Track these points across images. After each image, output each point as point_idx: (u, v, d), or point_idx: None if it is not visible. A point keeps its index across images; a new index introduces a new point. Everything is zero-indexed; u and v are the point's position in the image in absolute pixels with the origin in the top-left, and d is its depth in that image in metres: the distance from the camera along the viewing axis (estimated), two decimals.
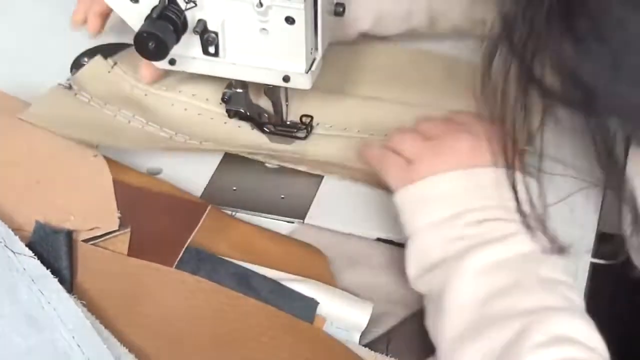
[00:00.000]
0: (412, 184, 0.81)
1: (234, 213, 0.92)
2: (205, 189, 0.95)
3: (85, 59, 1.11)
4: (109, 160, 0.91)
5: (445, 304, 0.75)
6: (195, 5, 0.87)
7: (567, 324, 0.70)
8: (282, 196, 0.95)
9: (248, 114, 1.01)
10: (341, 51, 1.08)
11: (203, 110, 1.04)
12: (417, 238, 0.79)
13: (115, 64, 1.07)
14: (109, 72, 1.07)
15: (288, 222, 0.92)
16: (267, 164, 0.98)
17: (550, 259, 0.76)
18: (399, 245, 0.89)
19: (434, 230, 0.78)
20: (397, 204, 0.82)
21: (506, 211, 0.78)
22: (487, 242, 0.76)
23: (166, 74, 1.05)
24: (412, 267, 0.80)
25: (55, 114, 0.98)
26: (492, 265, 0.75)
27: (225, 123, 1.03)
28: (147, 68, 1.01)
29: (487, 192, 0.79)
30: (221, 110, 1.03)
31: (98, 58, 1.08)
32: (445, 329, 0.74)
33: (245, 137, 1.02)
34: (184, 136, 1.00)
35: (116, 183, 0.87)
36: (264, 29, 0.88)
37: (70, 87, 1.03)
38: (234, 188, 0.95)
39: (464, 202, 0.78)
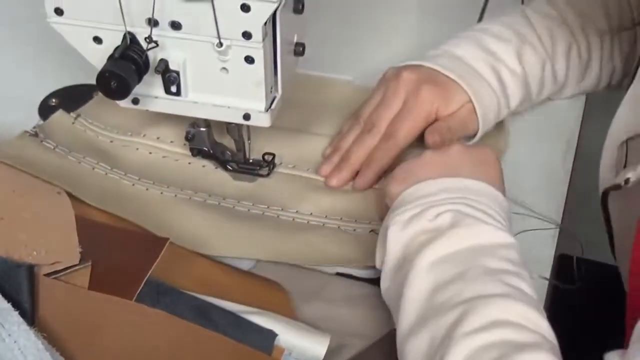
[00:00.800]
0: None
1: None
2: None
3: (53, 100, 1.13)
4: (72, 197, 0.92)
5: (403, 299, 0.78)
6: (157, 45, 0.89)
7: (505, 309, 0.72)
8: None
9: (211, 152, 1.02)
10: (302, 89, 1.10)
11: (168, 152, 1.06)
12: (389, 236, 0.83)
13: (78, 116, 1.10)
14: (72, 123, 1.09)
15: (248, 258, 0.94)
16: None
17: (502, 251, 0.79)
18: (358, 279, 0.91)
19: (404, 228, 0.82)
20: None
21: (467, 206, 0.81)
22: (442, 234, 0.79)
23: (129, 119, 1.08)
24: (384, 279, 0.83)
25: (21, 158, 1.00)
26: (441, 258, 0.78)
27: (189, 164, 1.05)
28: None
29: (451, 192, 0.84)
30: (185, 151, 1.05)
31: (60, 112, 1.10)
32: (401, 324, 0.77)
33: (210, 177, 1.03)
34: (148, 182, 1.02)
35: (78, 219, 0.89)
36: (224, 68, 0.90)
37: (36, 135, 1.05)
38: None
39: (427, 201, 0.83)
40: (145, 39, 0.88)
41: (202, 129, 1.01)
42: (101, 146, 1.07)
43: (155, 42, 0.89)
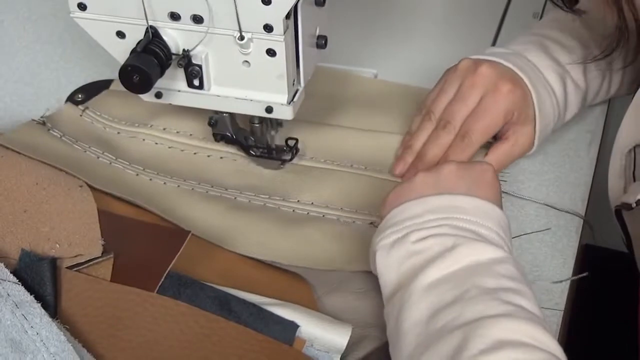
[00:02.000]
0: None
1: None
2: None
3: (80, 96, 1.14)
4: (94, 190, 0.93)
5: (400, 327, 0.76)
6: (189, 59, 0.90)
7: (509, 329, 0.70)
8: None
9: (234, 137, 1.03)
10: (324, 81, 1.10)
11: (174, 143, 1.07)
12: (378, 261, 0.82)
13: (86, 108, 1.11)
14: (80, 115, 1.10)
15: None
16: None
17: (497, 267, 0.77)
18: None
19: (389, 253, 0.81)
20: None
21: (451, 228, 0.80)
22: (433, 258, 0.78)
23: (136, 111, 1.10)
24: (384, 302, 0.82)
25: (26, 143, 1.01)
26: (438, 281, 0.77)
27: (195, 154, 1.06)
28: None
29: (435, 213, 0.82)
30: (190, 141, 1.07)
31: (68, 104, 1.12)
32: (401, 351, 0.76)
33: (214, 167, 1.04)
34: (151, 172, 1.03)
35: (100, 212, 0.89)
36: (246, 61, 0.91)
37: (44, 123, 1.06)
38: None
39: (412, 224, 0.82)
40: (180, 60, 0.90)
41: (225, 114, 1.00)
42: (108, 137, 1.08)
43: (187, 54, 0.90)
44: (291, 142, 1.03)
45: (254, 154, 1.03)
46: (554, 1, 0.88)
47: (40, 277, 0.83)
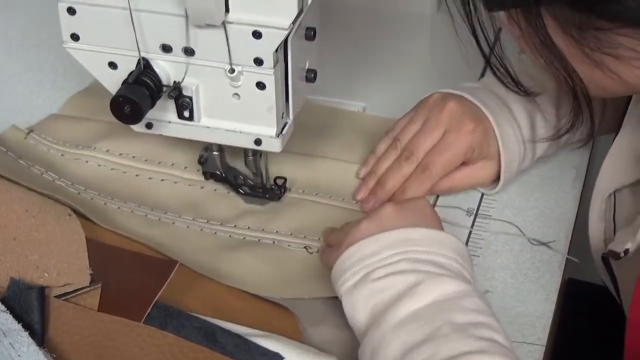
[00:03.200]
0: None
1: None
2: None
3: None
4: (82, 219, 0.94)
5: None
6: (179, 90, 0.92)
7: None
8: None
9: (224, 175, 1.04)
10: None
11: (116, 165, 1.09)
12: (345, 305, 0.83)
13: (30, 131, 1.13)
14: (25, 138, 1.12)
15: None
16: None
17: (464, 301, 0.78)
18: None
19: (353, 294, 0.82)
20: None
21: (410, 262, 0.81)
22: (399, 296, 0.79)
23: (80, 133, 1.12)
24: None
25: None
26: (406, 319, 0.77)
27: (137, 176, 1.07)
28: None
29: (392, 248, 0.83)
30: (133, 163, 1.08)
31: (12, 128, 1.13)
32: None
33: (156, 190, 1.06)
34: (93, 192, 1.04)
35: (89, 241, 0.90)
36: (236, 93, 0.92)
37: None
38: None
39: (371, 262, 0.82)
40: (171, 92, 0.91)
41: (214, 152, 1.02)
42: (51, 159, 1.10)
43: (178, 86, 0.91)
44: (279, 181, 1.04)
45: (242, 192, 1.04)
46: (509, 87, 0.90)
47: (28, 306, 0.83)
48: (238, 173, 1.04)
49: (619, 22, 0.69)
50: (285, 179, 1.04)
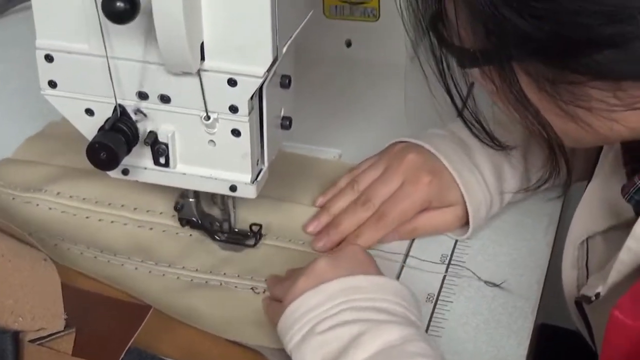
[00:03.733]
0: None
1: None
2: None
3: None
4: (57, 265, 0.94)
5: None
6: (146, 117, 0.92)
7: None
8: None
9: (200, 222, 1.04)
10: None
11: (66, 207, 1.10)
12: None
13: None
14: None
15: None
16: None
17: (409, 346, 0.79)
18: None
19: (301, 349, 0.83)
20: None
21: (353, 311, 0.82)
22: (345, 348, 0.80)
23: (31, 177, 1.13)
24: None
25: None
26: None
27: (87, 218, 1.08)
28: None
29: (335, 298, 0.84)
30: (83, 205, 1.10)
31: None
32: None
33: (105, 232, 1.07)
34: (44, 234, 1.05)
35: (64, 286, 0.90)
36: (211, 140, 0.93)
37: None
38: None
39: (315, 316, 0.83)
40: (135, 112, 0.91)
41: (190, 199, 1.03)
42: (2, 204, 1.10)
43: (145, 114, 0.91)
44: (255, 228, 1.05)
45: (219, 238, 1.05)
46: (484, 141, 0.92)
47: (2, 350, 0.84)
48: (214, 219, 1.05)
49: (589, 75, 0.70)
50: (261, 226, 1.05)
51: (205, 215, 1.05)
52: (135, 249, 1.04)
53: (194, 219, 1.05)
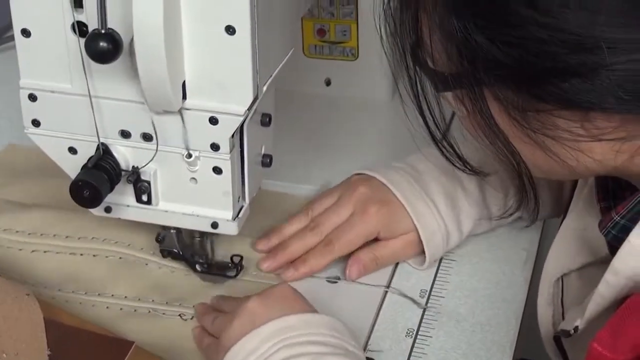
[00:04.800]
0: None
1: None
2: None
3: None
4: (40, 299, 0.95)
5: None
6: (138, 173, 0.94)
7: None
8: None
9: (181, 253, 1.05)
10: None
11: (11, 242, 1.10)
12: None
13: None
14: None
15: None
16: None
17: None
18: None
19: None
20: None
21: (288, 348, 0.84)
22: None
23: None
24: None
25: None
26: None
27: (20, 250, 1.09)
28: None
29: (270, 339, 0.85)
30: (16, 237, 1.10)
31: None
32: None
33: (40, 262, 1.07)
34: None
35: (47, 321, 0.91)
36: (193, 178, 0.94)
37: None
38: None
39: (255, 359, 0.85)
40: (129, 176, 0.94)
41: (172, 231, 1.03)
42: None
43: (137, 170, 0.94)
44: (236, 259, 1.06)
45: (199, 270, 1.06)
46: (457, 165, 0.93)
47: None
48: (195, 252, 1.06)
49: (556, 104, 0.72)
50: (242, 257, 1.06)
51: (186, 247, 1.06)
52: (65, 279, 1.05)
53: (175, 250, 1.05)
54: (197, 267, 1.06)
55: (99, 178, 0.91)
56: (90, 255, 1.08)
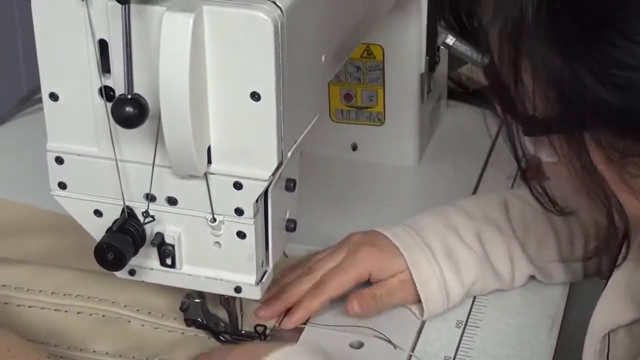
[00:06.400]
0: None
1: None
2: None
3: None
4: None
5: None
6: (154, 219, 0.93)
7: None
8: None
9: (205, 322, 1.05)
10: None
11: (8, 298, 1.10)
12: None
13: None
14: None
15: None
16: None
17: None
18: None
19: None
20: None
21: None
22: None
23: None
24: None
25: None
26: None
27: (6, 304, 1.09)
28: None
29: None
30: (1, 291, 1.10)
31: None
32: None
33: (26, 317, 1.07)
34: None
35: None
36: (217, 242, 0.94)
37: None
38: None
39: None
40: (143, 213, 0.93)
41: (196, 300, 1.04)
42: None
43: (152, 216, 0.93)
44: (259, 329, 1.05)
45: (224, 339, 1.05)
46: (545, 206, 0.88)
47: None
48: (219, 320, 1.05)
49: None
50: (265, 327, 1.05)
51: (210, 316, 1.06)
52: (49, 332, 1.05)
53: (199, 319, 1.05)
54: (221, 337, 1.05)
55: (123, 241, 0.92)
56: (74, 313, 1.08)
